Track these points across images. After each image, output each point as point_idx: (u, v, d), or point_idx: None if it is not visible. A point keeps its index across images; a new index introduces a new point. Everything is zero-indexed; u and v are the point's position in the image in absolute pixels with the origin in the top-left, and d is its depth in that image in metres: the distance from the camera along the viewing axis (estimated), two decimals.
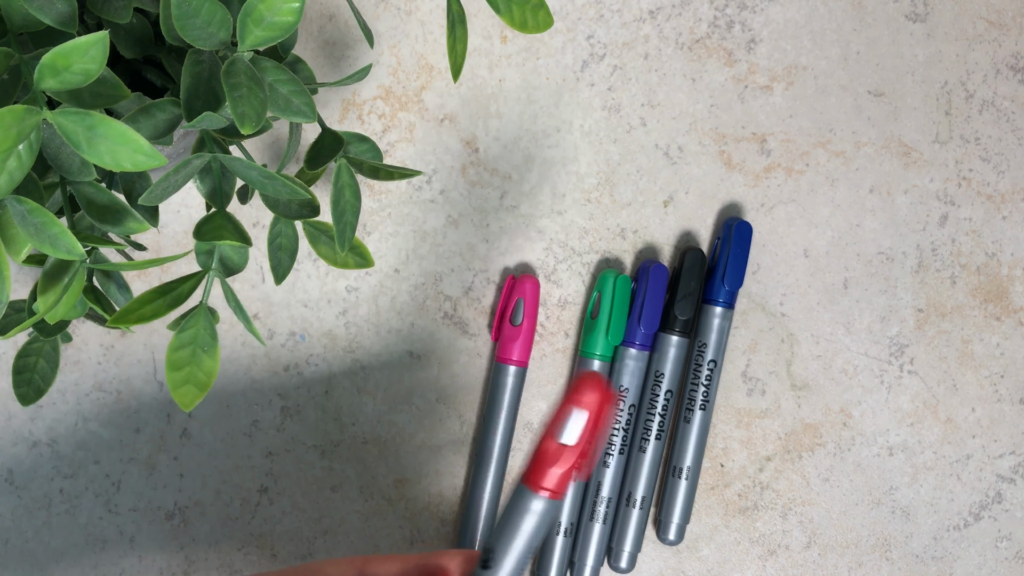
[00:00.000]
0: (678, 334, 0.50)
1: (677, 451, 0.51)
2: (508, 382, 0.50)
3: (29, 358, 0.40)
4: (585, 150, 0.51)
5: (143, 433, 0.51)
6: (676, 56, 0.51)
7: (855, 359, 0.52)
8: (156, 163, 0.28)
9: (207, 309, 0.34)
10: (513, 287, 0.50)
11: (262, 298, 0.51)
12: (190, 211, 0.50)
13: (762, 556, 0.53)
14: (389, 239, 0.51)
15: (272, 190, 0.34)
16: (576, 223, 0.51)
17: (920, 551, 0.53)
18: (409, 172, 0.37)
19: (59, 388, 0.50)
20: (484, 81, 0.51)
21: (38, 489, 0.50)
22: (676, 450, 0.51)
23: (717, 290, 0.50)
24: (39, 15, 0.30)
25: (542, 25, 0.36)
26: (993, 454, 0.53)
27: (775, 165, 0.51)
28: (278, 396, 0.51)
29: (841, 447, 0.52)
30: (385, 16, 0.50)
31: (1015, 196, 0.52)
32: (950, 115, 0.52)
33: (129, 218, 0.33)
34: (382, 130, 0.50)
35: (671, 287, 0.50)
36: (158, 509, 0.51)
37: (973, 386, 0.53)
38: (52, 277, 0.33)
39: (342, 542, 0.51)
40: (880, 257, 0.52)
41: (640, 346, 0.50)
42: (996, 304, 0.52)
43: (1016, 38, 0.52)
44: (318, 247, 0.39)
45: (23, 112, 0.27)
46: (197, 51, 0.32)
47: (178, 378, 0.33)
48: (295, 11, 0.31)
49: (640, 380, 0.50)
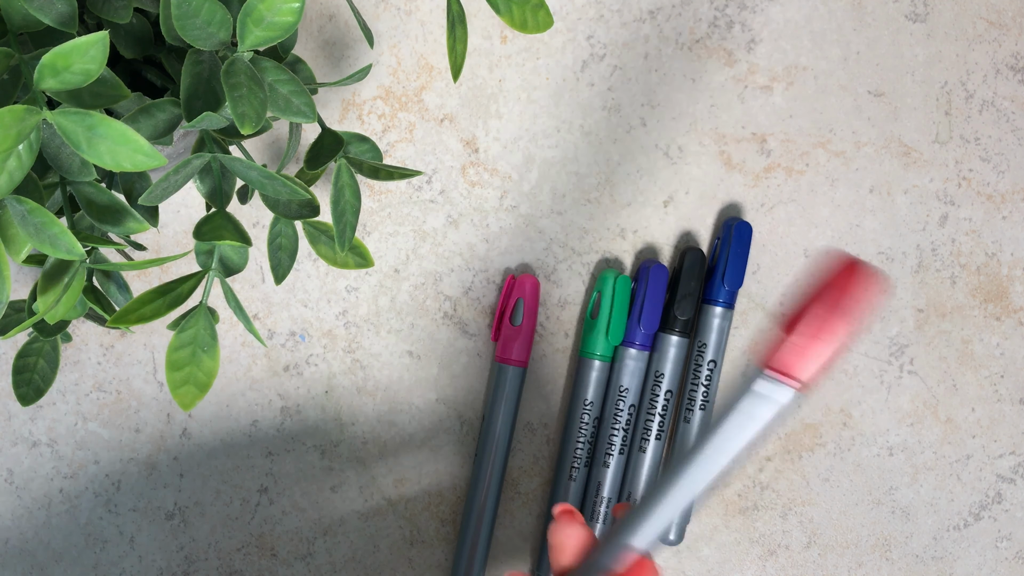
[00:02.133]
0: (678, 334, 0.50)
1: (677, 451, 0.51)
2: (508, 382, 0.50)
3: (29, 358, 0.40)
4: (585, 150, 0.51)
5: (143, 433, 0.51)
6: (676, 56, 0.51)
7: (855, 359, 0.52)
8: (156, 163, 0.28)
9: (207, 309, 0.34)
10: (513, 287, 0.50)
11: (262, 298, 0.51)
12: (190, 211, 0.50)
13: (762, 556, 0.53)
14: (389, 239, 0.51)
15: (272, 190, 0.34)
16: (576, 223, 0.51)
17: (920, 551, 0.53)
18: (409, 172, 0.37)
19: (59, 388, 0.50)
20: (484, 81, 0.51)
21: (38, 489, 0.50)
22: (676, 450, 0.51)
23: (717, 290, 0.50)
24: (39, 15, 0.30)
25: (542, 25, 0.36)
26: (993, 454, 0.53)
27: (775, 165, 0.51)
28: (278, 396, 0.51)
29: (841, 447, 0.52)
30: (385, 16, 0.50)
31: (1015, 196, 0.52)
32: (950, 115, 0.52)
33: (129, 218, 0.33)
34: (382, 130, 0.50)
35: (671, 287, 0.50)
36: (158, 509, 0.51)
37: (973, 386, 0.53)
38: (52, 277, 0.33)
39: (342, 542, 0.51)
40: (880, 257, 0.52)
41: (640, 346, 0.50)
42: (996, 304, 0.52)
43: (1016, 38, 0.52)
44: (318, 247, 0.39)
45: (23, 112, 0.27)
46: (197, 51, 0.32)
47: (178, 378, 0.33)
48: (295, 11, 0.31)
49: (640, 380, 0.50)
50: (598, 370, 0.50)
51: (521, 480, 0.52)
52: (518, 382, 0.50)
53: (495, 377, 0.50)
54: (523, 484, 0.52)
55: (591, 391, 0.50)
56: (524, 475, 0.52)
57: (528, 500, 0.52)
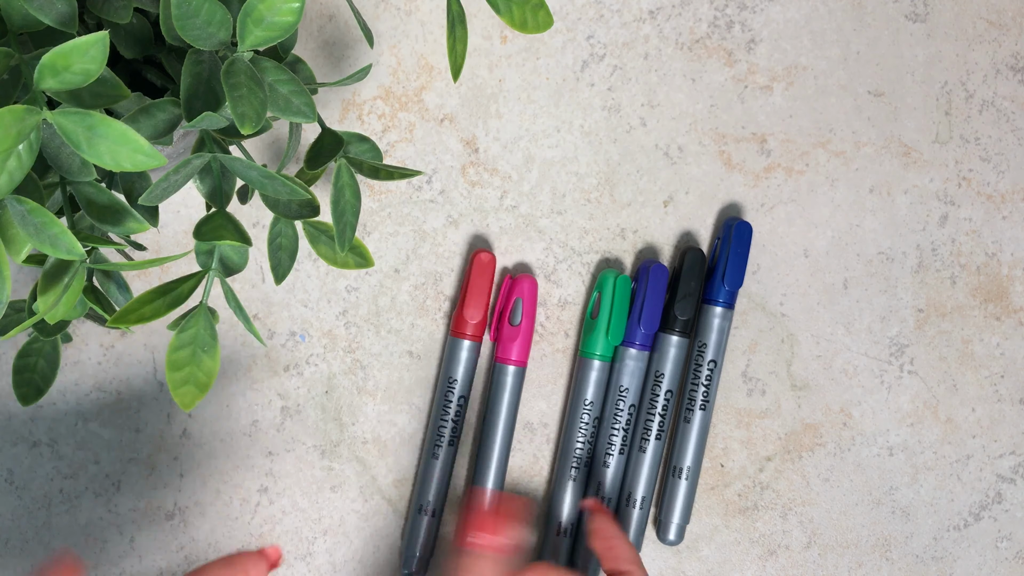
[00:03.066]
0: (678, 334, 0.50)
1: (677, 451, 0.51)
2: (507, 382, 0.50)
3: (29, 358, 0.40)
4: (585, 150, 0.51)
5: (143, 433, 0.51)
6: (676, 56, 0.51)
7: (855, 359, 0.52)
8: (156, 163, 0.28)
9: (207, 309, 0.34)
10: (511, 287, 0.50)
11: (262, 298, 0.51)
12: (190, 211, 0.50)
13: (762, 556, 0.52)
14: (389, 239, 0.51)
15: (272, 190, 0.33)
16: (576, 223, 0.51)
17: (920, 551, 0.53)
18: (409, 172, 0.37)
19: (59, 388, 0.50)
20: (484, 81, 0.51)
21: (38, 489, 0.50)
22: (676, 450, 0.51)
23: (717, 290, 0.50)
24: (39, 15, 0.30)
25: (542, 25, 0.36)
26: (993, 454, 0.53)
27: (775, 165, 0.51)
28: (278, 396, 0.51)
29: (841, 447, 0.52)
30: (385, 16, 0.50)
31: (1015, 196, 0.52)
32: (950, 115, 0.52)
33: (129, 218, 0.33)
34: (382, 130, 0.50)
35: (671, 287, 0.50)
36: (158, 509, 0.51)
37: (973, 386, 0.53)
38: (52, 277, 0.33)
39: (342, 542, 0.51)
40: (880, 257, 0.52)
41: (640, 346, 0.50)
42: (996, 304, 0.52)
43: (1016, 38, 0.52)
44: (318, 247, 0.39)
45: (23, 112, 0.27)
46: (197, 51, 0.32)
47: (178, 378, 0.33)
48: (295, 11, 0.31)
49: (640, 380, 0.50)
50: (598, 370, 0.50)
51: (521, 480, 0.52)
52: (517, 382, 0.50)
53: (494, 377, 0.50)
54: (523, 484, 0.52)
55: (591, 391, 0.50)
56: (524, 475, 0.52)
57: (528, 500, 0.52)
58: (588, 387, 0.50)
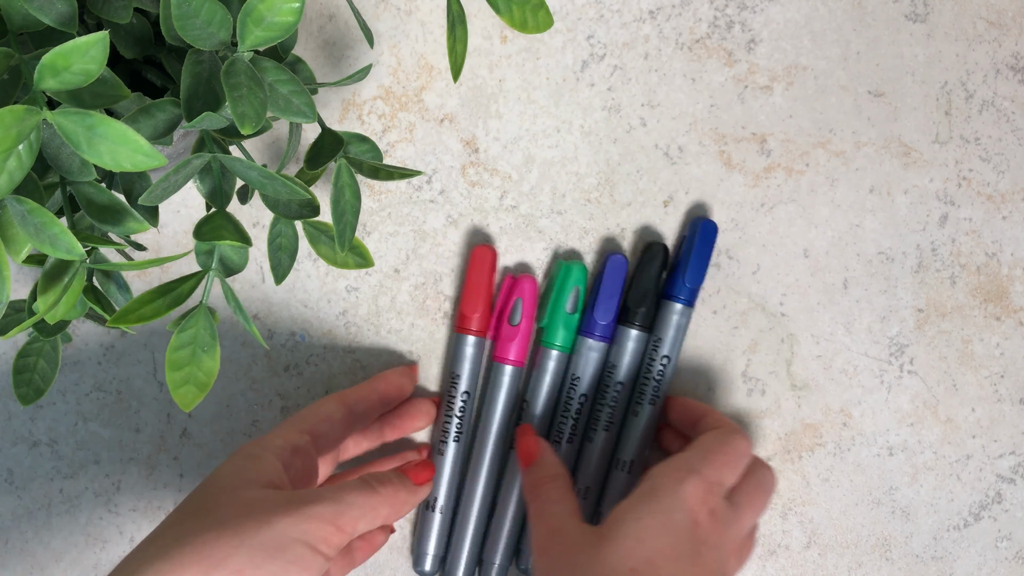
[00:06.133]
0: (637, 328, 0.50)
1: (622, 444, 0.50)
2: (505, 381, 0.50)
3: (29, 358, 0.40)
4: (585, 150, 0.51)
5: (143, 433, 0.51)
6: (676, 56, 0.51)
7: (855, 359, 0.52)
8: (156, 163, 0.28)
9: (207, 309, 0.34)
10: (511, 287, 0.50)
11: (262, 298, 0.51)
12: (190, 211, 0.50)
13: (762, 556, 0.52)
14: (389, 239, 0.51)
15: (272, 190, 0.34)
16: (576, 223, 0.51)
17: (920, 551, 0.53)
18: (409, 172, 0.37)
19: (59, 388, 0.50)
20: (484, 81, 0.51)
21: (38, 489, 0.50)
22: (621, 443, 0.50)
23: (679, 287, 0.50)
24: (39, 15, 0.30)
25: (542, 25, 0.36)
26: (993, 454, 0.53)
27: (775, 165, 0.51)
28: (278, 396, 0.51)
29: (841, 447, 0.52)
30: (385, 16, 0.50)
31: (1015, 196, 0.52)
32: (950, 115, 0.52)
33: (129, 218, 0.33)
34: (382, 130, 0.50)
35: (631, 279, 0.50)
36: (158, 509, 0.51)
37: (973, 386, 0.53)
38: (52, 277, 0.33)
39: None
40: (880, 257, 0.52)
41: (599, 337, 0.50)
42: (996, 304, 0.52)
43: (1016, 38, 0.52)
44: (318, 247, 0.39)
45: (23, 112, 0.27)
46: (197, 51, 0.32)
47: (178, 378, 0.33)
48: (295, 11, 0.31)
49: (595, 371, 0.50)
50: (555, 360, 0.50)
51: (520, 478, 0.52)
52: (515, 382, 0.50)
53: (492, 376, 0.50)
54: None
55: (548, 380, 0.50)
56: None
57: None
58: (546, 376, 0.50)
